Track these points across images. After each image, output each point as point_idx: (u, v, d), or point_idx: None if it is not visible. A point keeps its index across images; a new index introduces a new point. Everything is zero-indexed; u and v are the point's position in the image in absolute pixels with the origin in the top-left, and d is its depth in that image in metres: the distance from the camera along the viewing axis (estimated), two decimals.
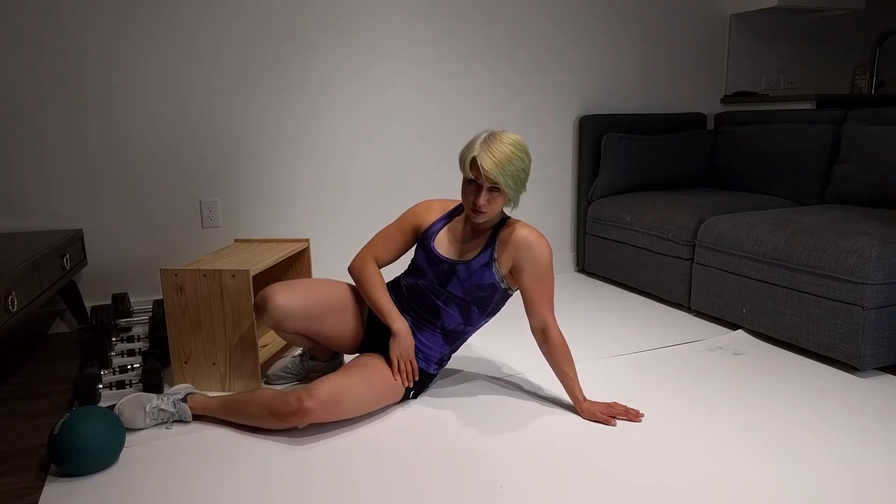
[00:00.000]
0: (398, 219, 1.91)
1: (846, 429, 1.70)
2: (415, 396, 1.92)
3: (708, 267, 2.56)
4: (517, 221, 1.80)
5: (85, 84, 2.55)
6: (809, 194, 2.91)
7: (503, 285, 1.81)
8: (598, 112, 3.42)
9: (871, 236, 2.05)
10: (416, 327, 1.87)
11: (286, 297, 1.81)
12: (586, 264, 3.38)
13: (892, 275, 1.98)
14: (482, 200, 1.66)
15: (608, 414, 1.75)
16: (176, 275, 1.94)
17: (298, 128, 2.87)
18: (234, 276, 1.91)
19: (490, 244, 1.78)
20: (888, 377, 2.03)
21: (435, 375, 1.95)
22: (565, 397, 1.88)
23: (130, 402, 1.74)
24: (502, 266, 1.78)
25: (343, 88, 2.91)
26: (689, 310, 2.76)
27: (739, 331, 2.45)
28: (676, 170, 3.32)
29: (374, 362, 1.80)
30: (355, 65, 2.91)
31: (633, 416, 1.75)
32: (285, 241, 2.42)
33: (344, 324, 1.90)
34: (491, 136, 1.66)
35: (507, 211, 1.66)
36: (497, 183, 1.64)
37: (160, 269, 1.96)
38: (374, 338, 1.93)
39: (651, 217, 2.87)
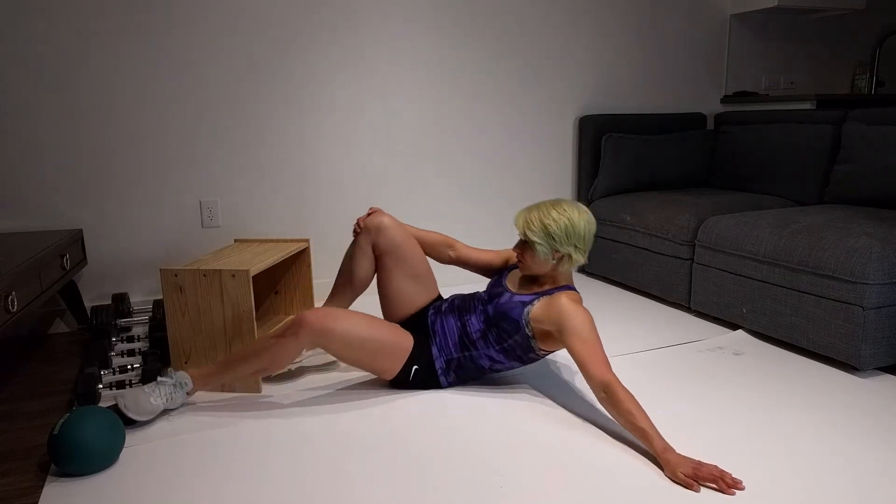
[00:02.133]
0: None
1: (846, 429, 1.70)
2: (412, 383, 1.94)
3: (708, 267, 2.56)
4: (567, 292, 1.84)
5: (85, 84, 2.55)
6: (809, 194, 2.91)
7: (528, 331, 1.83)
8: (598, 112, 3.42)
9: (871, 236, 2.05)
10: (453, 313, 1.97)
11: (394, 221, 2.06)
12: (586, 264, 3.38)
13: (892, 275, 1.98)
14: (515, 250, 1.89)
15: (693, 476, 1.44)
16: (176, 275, 1.94)
17: (299, 128, 2.87)
18: (234, 276, 1.91)
19: (537, 294, 1.86)
20: (888, 377, 2.03)
21: (438, 376, 1.95)
22: (565, 397, 1.88)
23: (130, 393, 1.75)
24: (535, 317, 1.82)
25: (343, 90, 2.91)
26: (689, 310, 2.76)
27: (739, 331, 2.45)
28: (676, 170, 3.32)
29: (393, 326, 1.91)
30: (355, 66, 2.91)
31: (725, 486, 1.41)
32: (285, 240, 2.42)
33: (411, 286, 2.03)
34: (543, 202, 1.87)
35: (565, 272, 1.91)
36: (525, 237, 1.83)
37: (160, 269, 1.96)
38: (410, 322, 2.03)
39: (651, 217, 2.87)
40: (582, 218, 1.82)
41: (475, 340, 1.91)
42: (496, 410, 1.83)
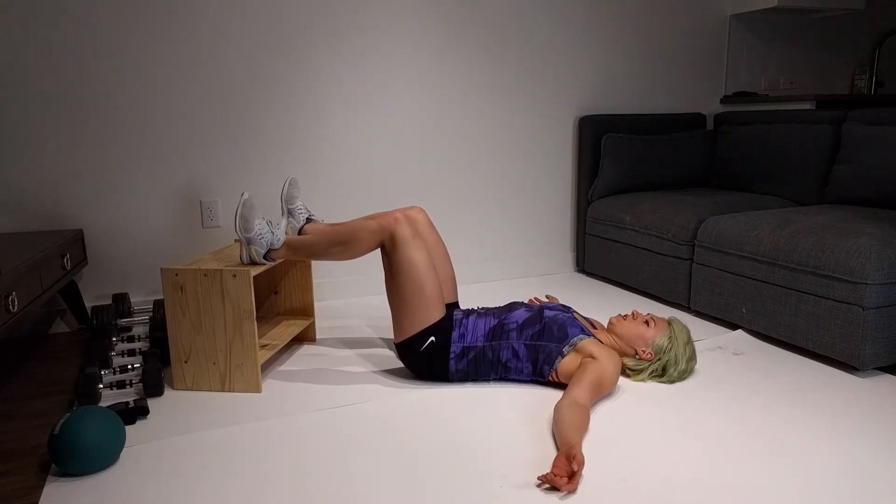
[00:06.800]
0: None
1: (846, 429, 1.70)
2: (422, 355, 1.96)
3: (707, 267, 2.56)
4: (610, 349, 1.96)
5: (86, 84, 2.55)
6: (809, 194, 2.91)
7: (566, 349, 1.91)
8: (598, 112, 3.42)
9: (871, 236, 2.05)
10: (488, 315, 2.01)
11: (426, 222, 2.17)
12: (586, 264, 3.38)
13: (891, 275, 1.98)
14: (640, 315, 2.07)
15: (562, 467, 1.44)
16: (177, 274, 1.94)
17: (298, 129, 2.88)
18: (234, 275, 1.91)
19: (598, 340, 1.95)
20: (888, 377, 2.04)
21: (450, 358, 1.96)
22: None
23: (248, 204, 1.96)
24: (581, 347, 1.91)
25: (343, 91, 2.91)
26: (688, 310, 2.76)
27: (739, 331, 2.45)
28: (676, 170, 3.32)
29: (439, 287, 1.98)
30: (356, 68, 2.91)
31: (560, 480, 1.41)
32: None
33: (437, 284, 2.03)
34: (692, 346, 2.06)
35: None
36: (654, 347, 2.03)
37: (161, 268, 1.96)
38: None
39: (651, 217, 2.87)
40: (687, 368, 2.00)
41: (509, 331, 1.96)
42: (497, 410, 1.83)
